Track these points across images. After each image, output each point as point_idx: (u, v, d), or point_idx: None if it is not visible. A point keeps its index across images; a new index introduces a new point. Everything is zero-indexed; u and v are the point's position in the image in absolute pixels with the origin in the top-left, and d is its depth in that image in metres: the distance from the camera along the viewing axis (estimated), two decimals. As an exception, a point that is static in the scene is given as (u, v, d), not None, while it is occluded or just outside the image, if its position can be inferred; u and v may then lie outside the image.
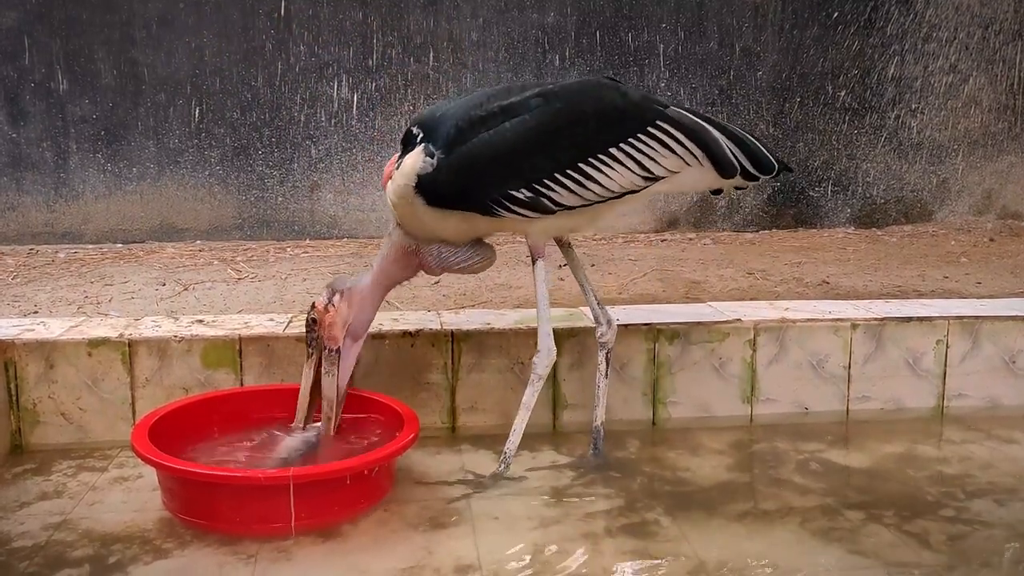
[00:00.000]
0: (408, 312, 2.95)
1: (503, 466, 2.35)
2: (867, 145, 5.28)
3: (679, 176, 2.29)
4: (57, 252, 4.47)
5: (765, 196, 5.20)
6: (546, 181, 2.18)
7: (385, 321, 2.74)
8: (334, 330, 2.32)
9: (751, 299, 3.31)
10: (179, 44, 4.72)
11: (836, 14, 5.17)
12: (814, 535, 2.08)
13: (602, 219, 2.42)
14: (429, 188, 2.18)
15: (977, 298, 3.30)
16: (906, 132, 5.32)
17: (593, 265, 4.06)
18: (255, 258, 4.33)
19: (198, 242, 4.76)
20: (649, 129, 2.23)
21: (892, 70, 5.26)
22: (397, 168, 2.24)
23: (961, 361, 2.88)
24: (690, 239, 4.91)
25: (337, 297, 2.32)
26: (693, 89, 5.09)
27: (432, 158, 2.16)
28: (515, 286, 3.58)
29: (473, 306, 3.22)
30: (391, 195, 2.27)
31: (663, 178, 2.27)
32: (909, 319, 2.86)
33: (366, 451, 2.25)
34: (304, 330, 2.35)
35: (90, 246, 4.66)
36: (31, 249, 4.57)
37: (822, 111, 5.23)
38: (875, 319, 2.85)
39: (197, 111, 4.78)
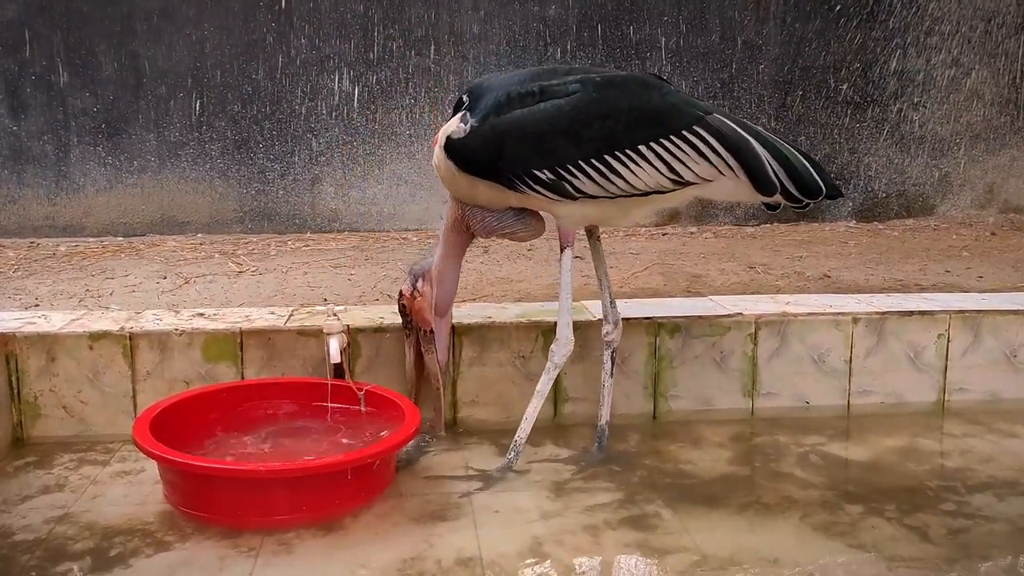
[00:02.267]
0: (409, 305, 2.95)
1: (513, 455, 2.35)
2: (869, 139, 5.28)
3: (713, 184, 2.26)
4: (58, 245, 4.47)
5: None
6: (569, 167, 2.20)
7: (386, 314, 2.74)
8: (425, 314, 2.43)
9: (752, 293, 3.31)
10: (180, 37, 4.72)
11: (838, 7, 5.15)
12: (815, 528, 2.08)
13: (631, 214, 2.41)
14: (457, 152, 2.24)
15: (978, 292, 3.30)
16: (908, 126, 5.32)
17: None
18: (256, 251, 4.33)
19: (199, 235, 4.76)
20: (684, 133, 2.21)
21: (894, 64, 5.25)
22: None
23: (962, 355, 2.88)
24: (691, 233, 4.90)
25: (420, 282, 2.41)
26: (695, 82, 5.08)
27: (466, 125, 2.22)
28: (516, 280, 3.58)
29: (474, 300, 3.22)
30: (434, 157, 2.33)
31: (694, 184, 2.26)
32: (910, 313, 2.86)
33: (367, 445, 2.26)
34: (399, 317, 2.49)
35: (91, 239, 4.66)
36: (32, 242, 4.57)
37: (824, 104, 5.22)
38: (876, 313, 2.84)
39: (198, 104, 4.77)
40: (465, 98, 2.30)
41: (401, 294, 2.45)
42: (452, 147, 2.24)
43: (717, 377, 2.78)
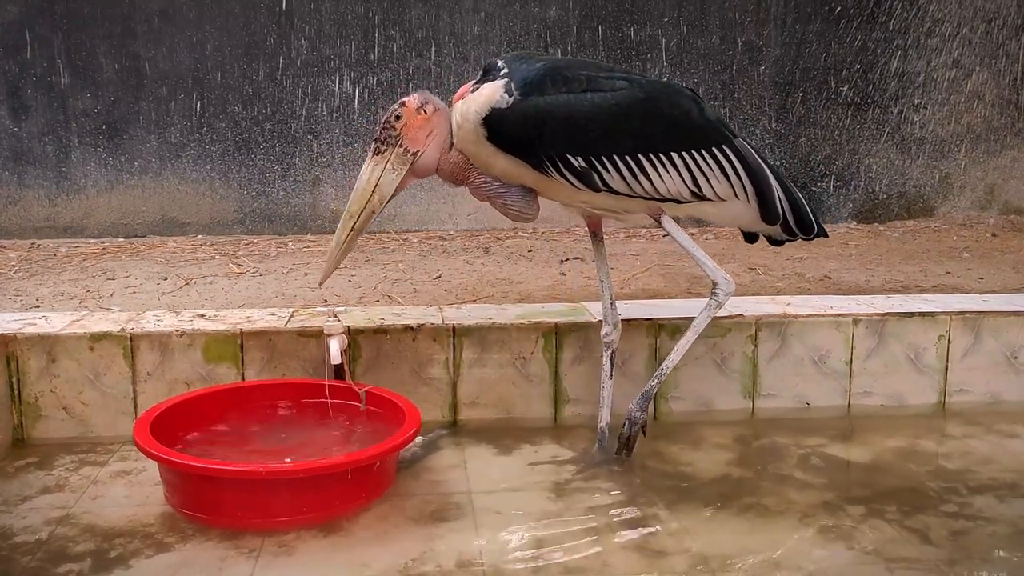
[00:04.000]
0: (410, 307, 2.95)
1: (655, 381, 2.41)
2: (869, 140, 5.28)
3: (725, 204, 2.35)
4: (59, 246, 4.48)
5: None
6: (604, 159, 2.22)
7: (387, 315, 2.74)
8: (420, 132, 2.27)
9: (753, 294, 3.31)
10: (180, 38, 4.72)
11: (839, 8, 5.15)
12: (815, 530, 2.08)
13: (639, 216, 2.44)
14: (495, 124, 2.20)
15: (979, 293, 3.30)
16: (909, 127, 5.31)
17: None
18: (256, 253, 4.33)
19: (199, 236, 4.76)
20: (713, 149, 2.29)
21: (895, 65, 5.25)
22: (473, 91, 2.25)
23: (963, 356, 2.88)
24: (692, 234, 4.89)
25: (430, 107, 2.28)
26: (695, 84, 5.07)
27: (509, 95, 2.19)
28: (517, 281, 3.58)
29: (474, 300, 3.22)
30: (457, 115, 2.27)
31: (709, 200, 2.32)
32: (911, 314, 2.86)
33: (368, 445, 2.26)
34: (380, 127, 2.28)
35: (91, 240, 4.66)
36: (32, 243, 4.57)
37: (824, 106, 5.22)
38: (877, 314, 2.84)
39: (198, 105, 4.77)
40: (500, 63, 2.25)
41: (404, 103, 2.26)
42: (492, 118, 2.19)
43: (717, 378, 2.78)
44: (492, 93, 2.20)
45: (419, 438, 2.44)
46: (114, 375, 2.57)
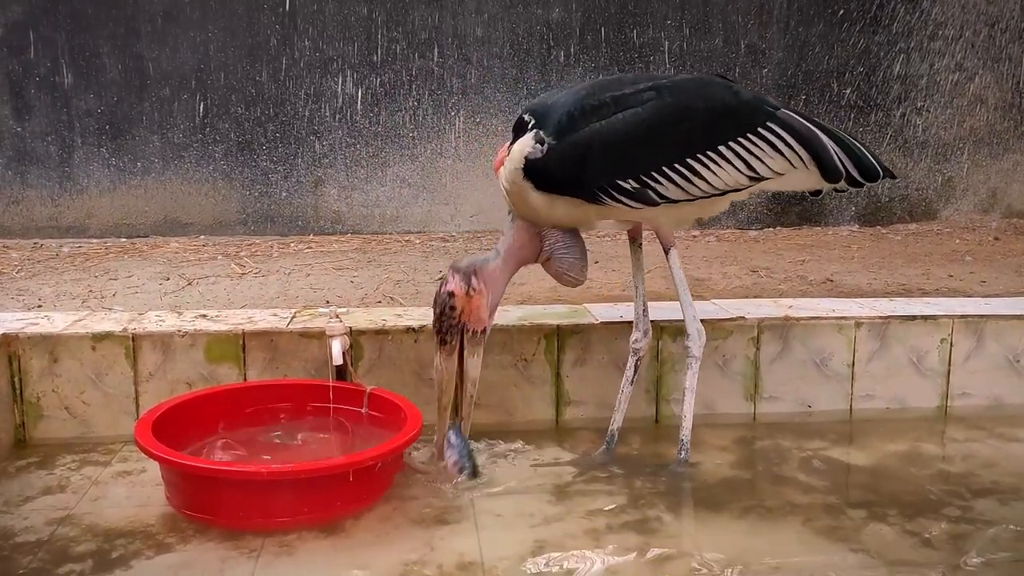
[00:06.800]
0: (411, 308, 2.95)
1: (683, 453, 2.38)
2: (872, 143, 5.26)
3: (784, 177, 2.33)
4: (61, 246, 4.48)
5: (769, 194, 5.19)
6: (654, 174, 2.20)
7: (388, 317, 2.74)
8: (482, 312, 2.28)
9: (755, 297, 3.30)
10: (184, 39, 4.72)
11: (842, 11, 5.15)
12: (817, 533, 2.07)
13: (705, 212, 2.44)
14: (538, 173, 2.20)
15: (982, 297, 3.29)
16: (911, 130, 5.31)
17: (597, 262, 4.05)
18: (259, 253, 4.33)
19: (202, 237, 4.76)
20: (759, 130, 2.26)
21: (898, 68, 5.24)
22: (509, 154, 2.26)
23: (965, 360, 2.87)
24: (694, 236, 4.90)
25: (475, 279, 2.27)
26: (698, 86, 5.06)
27: (542, 144, 2.18)
28: (518, 282, 3.57)
29: (477, 302, 3.21)
30: (503, 180, 2.28)
31: (768, 178, 2.31)
32: (913, 318, 2.85)
33: (370, 447, 2.25)
34: (438, 320, 2.25)
35: (94, 240, 4.66)
36: (35, 243, 4.58)
37: (827, 109, 5.22)
38: (879, 317, 2.84)
39: (201, 106, 4.77)
40: (528, 117, 2.25)
41: (452, 293, 2.24)
42: (532, 167, 2.19)
43: (719, 381, 2.78)
44: (524, 147, 2.21)
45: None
46: (116, 375, 2.57)
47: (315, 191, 4.89)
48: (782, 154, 2.27)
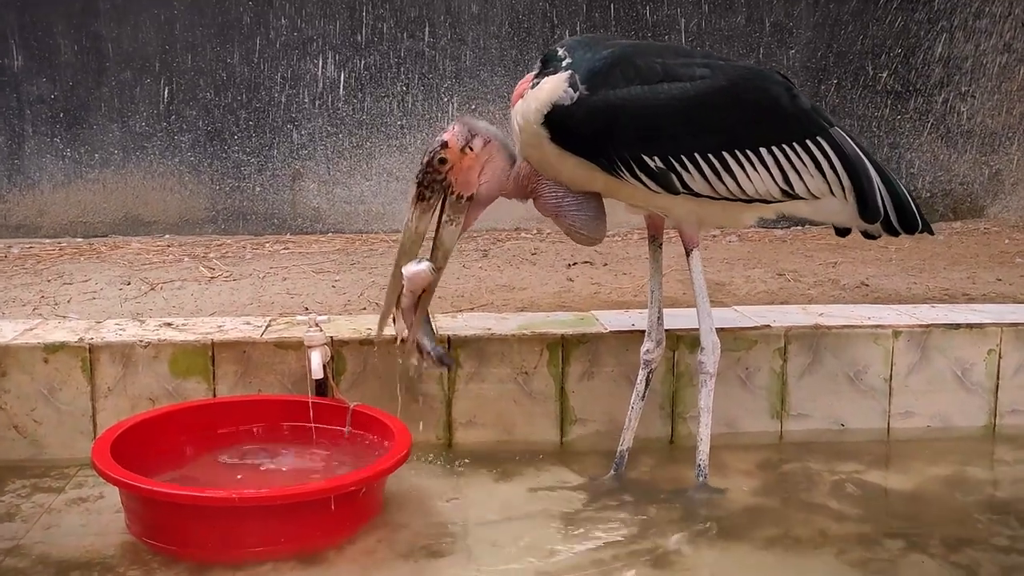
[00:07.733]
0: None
1: (702, 477, 2.37)
2: (911, 132, 5.28)
3: (819, 202, 2.33)
4: (10, 247, 4.48)
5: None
6: (683, 158, 2.19)
7: (374, 325, 2.74)
8: (471, 174, 2.25)
9: (781, 303, 3.31)
10: (146, 16, 4.73)
11: (877, -14, 5.17)
12: (851, 566, 2.08)
13: (732, 219, 2.44)
14: (560, 122, 2.16)
15: (1033, 303, 3.30)
16: (955, 118, 5.32)
17: (606, 264, 4.06)
18: (230, 255, 4.33)
19: (167, 236, 4.77)
20: (807, 142, 2.26)
21: (940, 49, 5.25)
22: (532, 87, 2.21)
23: (1015, 373, 2.87)
24: (713, 236, 4.90)
25: (477, 141, 2.24)
26: (718, 69, 5.08)
27: (575, 90, 2.14)
28: (519, 287, 3.58)
29: (472, 309, 3.22)
30: (518, 116, 2.24)
31: (801, 198, 2.30)
32: (957, 326, 2.86)
33: (353, 470, 2.25)
34: (422, 170, 2.24)
35: (47, 240, 4.66)
36: (-19, 243, 4.58)
37: (861, 94, 5.23)
38: (919, 326, 2.84)
39: (166, 91, 4.78)
40: (562, 52, 2.21)
41: (446, 144, 2.20)
42: (555, 115, 2.15)
43: (742, 396, 2.78)
44: (554, 88, 2.16)
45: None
46: (71, 390, 2.57)
47: (292, 186, 4.90)
48: (823, 174, 2.27)
